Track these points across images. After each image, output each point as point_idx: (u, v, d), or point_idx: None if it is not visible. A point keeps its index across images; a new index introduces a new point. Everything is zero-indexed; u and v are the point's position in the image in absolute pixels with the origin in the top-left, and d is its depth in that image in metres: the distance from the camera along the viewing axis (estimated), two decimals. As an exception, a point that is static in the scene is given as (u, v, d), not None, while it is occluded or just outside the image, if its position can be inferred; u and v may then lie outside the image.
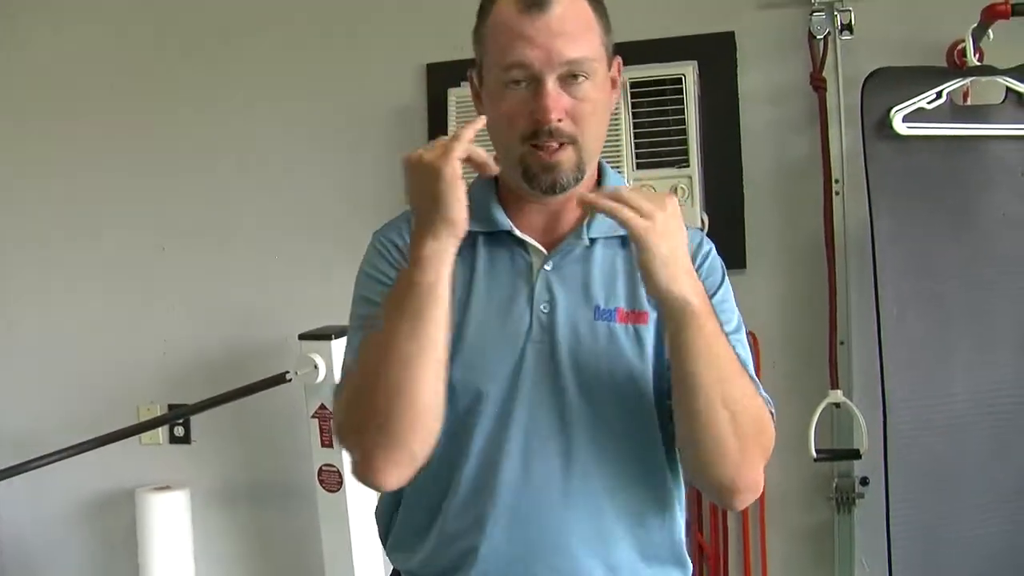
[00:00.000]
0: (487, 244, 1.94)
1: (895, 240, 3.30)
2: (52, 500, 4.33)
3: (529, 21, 1.80)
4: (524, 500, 1.84)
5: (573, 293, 1.89)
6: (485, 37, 1.89)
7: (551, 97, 1.80)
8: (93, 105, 4.28)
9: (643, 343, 1.86)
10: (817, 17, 3.54)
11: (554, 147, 1.83)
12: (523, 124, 1.83)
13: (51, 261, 4.34)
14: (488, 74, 1.89)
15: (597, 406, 1.85)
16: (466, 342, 1.88)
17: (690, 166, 3.53)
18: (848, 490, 3.59)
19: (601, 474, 1.85)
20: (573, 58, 1.80)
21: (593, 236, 1.92)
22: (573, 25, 1.82)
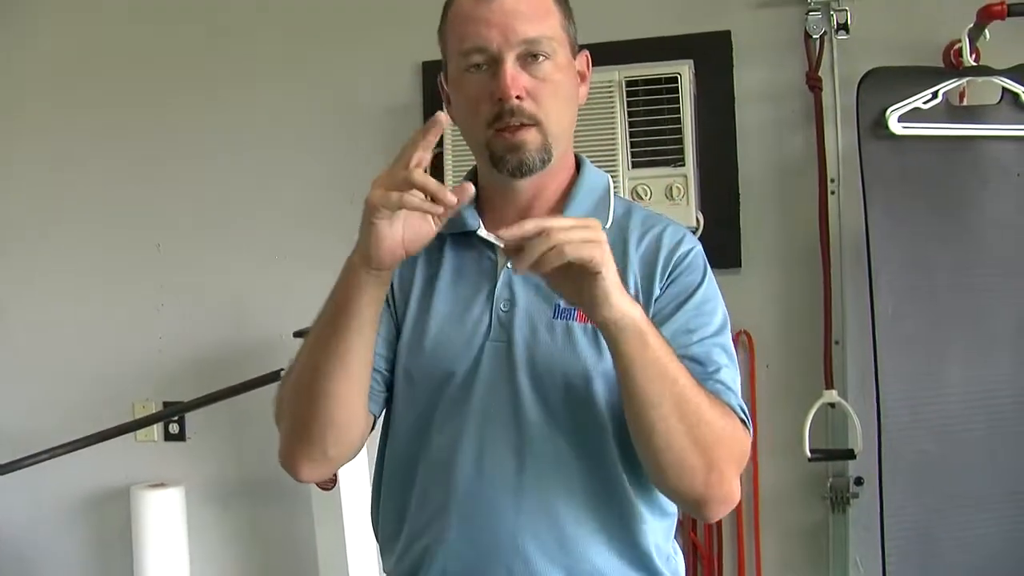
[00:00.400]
0: (455, 244, 1.95)
1: (890, 240, 3.30)
2: (47, 497, 4.32)
3: (485, 5, 1.82)
4: (477, 500, 1.84)
5: (533, 292, 1.87)
6: (446, 32, 1.90)
7: (509, 75, 1.80)
8: (88, 102, 4.28)
9: (602, 343, 1.79)
10: (813, 16, 3.54)
11: (516, 126, 1.82)
12: (486, 109, 1.83)
13: (46, 258, 4.34)
14: (451, 66, 1.90)
15: (551, 406, 1.83)
16: (427, 340, 1.90)
17: (685, 165, 3.53)
18: (843, 490, 3.59)
19: (556, 475, 1.83)
20: (530, 36, 1.81)
21: None
22: (529, 6, 1.84)
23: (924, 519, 3.24)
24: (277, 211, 4.08)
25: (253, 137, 4.13)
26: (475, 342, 1.87)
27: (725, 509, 1.82)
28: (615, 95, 3.52)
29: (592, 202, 1.95)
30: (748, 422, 1.84)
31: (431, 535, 1.87)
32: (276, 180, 4.10)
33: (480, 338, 1.87)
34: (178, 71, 4.21)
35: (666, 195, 3.51)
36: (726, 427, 1.76)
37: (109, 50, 4.28)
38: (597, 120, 3.52)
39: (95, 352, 4.26)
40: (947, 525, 3.24)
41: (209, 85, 4.18)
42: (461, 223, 1.91)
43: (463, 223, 1.91)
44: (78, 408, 4.15)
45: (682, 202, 3.51)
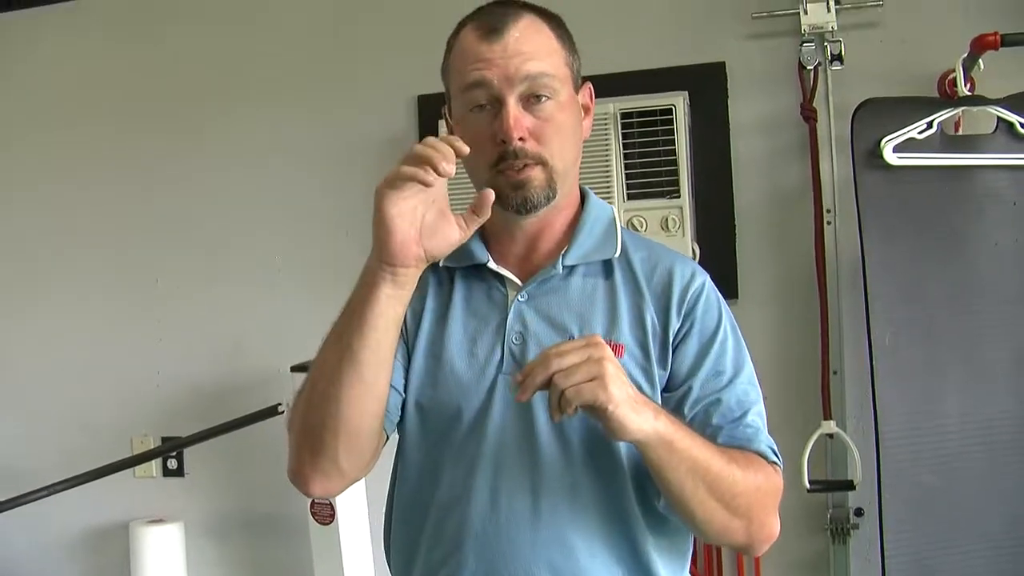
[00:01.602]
0: (465, 278, 1.94)
1: (887, 269, 3.30)
2: (47, 533, 4.32)
3: (487, 44, 1.82)
4: (493, 536, 1.82)
5: (547, 324, 1.87)
6: (450, 69, 1.90)
7: (512, 117, 1.79)
8: (84, 139, 4.30)
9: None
10: (807, 48, 3.55)
11: (521, 166, 1.81)
12: (490, 150, 1.82)
13: (44, 293, 4.35)
14: (455, 104, 1.89)
15: (567, 439, 1.82)
16: (440, 374, 1.89)
17: (681, 196, 3.53)
18: (843, 521, 3.58)
19: (572, 510, 1.82)
20: (532, 73, 1.81)
21: (571, 263, 1.90)
22: (532, 45, 1.83)
23: (924, 550, 3.23)
24: (275, 245, 4.09)
25: (250, 171, 4.14)
26: (487, 375, 1.86)
27: (768, 545, 1.87)
28: (610, 127, 3.52)
29: (598, 234, 1.94)
30: (778, 457, 1.88)
31: (447, 571, 1.86)
32: (273, 214, 4.11)
33: (493, 371, 1.86)
34: (176, 106, 4.22)
35: (662, 227, 3.52)
36: (761, 485, 1.80)
37: (106, 84, 4.29)
38: (592, 152, 3.52)
39: (93, 388, 4.26)
40: (947, 556, 3.22)
41: (206, 119, 4.19)
42: (470, 256, 1.92)
43: (472, 256, 1.92)
44: (77, 444, 4.15)
45: (678, 233, 3.51)
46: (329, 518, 3.55)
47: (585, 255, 1.90)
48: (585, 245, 1.91)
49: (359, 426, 1.78)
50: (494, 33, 1.82)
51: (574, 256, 1.90)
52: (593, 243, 1.92)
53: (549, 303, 1.89)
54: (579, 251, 1.90)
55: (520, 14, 1.86)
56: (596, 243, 1.92)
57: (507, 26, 1.82)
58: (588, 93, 1.97)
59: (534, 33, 1.85)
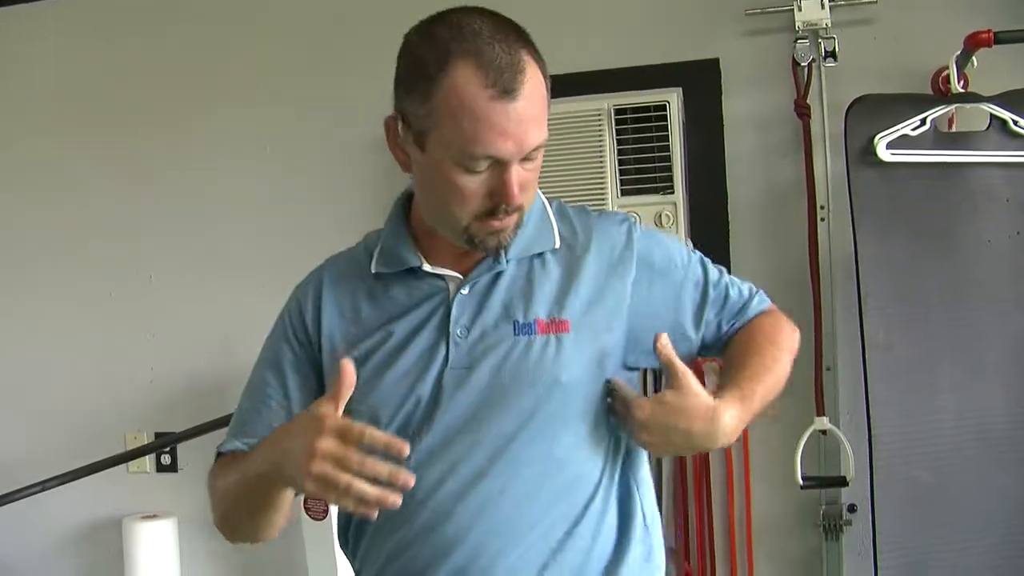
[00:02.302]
0: (401, 281, 1.95)
1: (880, 266, 3.30)
2: (40, 529, 4.31)
3: (501, 109, 1.71)
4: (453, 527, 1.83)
5: (491, 313, 1.88)
6: (438, 107, 1.74)
7: (517, 184, 1.76)
8: (77, 134, 4.29)
9: (567, 350, 1.84)
10: (801, 44, 3.55)
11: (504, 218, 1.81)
12: (481, 204, 1.78)
13: (38, 289, 4.34)
14: (439, 146, 1.77)
15: (520, 423, 1.84)
16: (381, 377, 1.89)
17: (675, 193, 3.53)
18: (835, 517, 3.58)
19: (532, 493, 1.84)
20: (538, 143, 1.77)
21: (509, 258, 1.91)
22: (538, 105, 1.76)
23: (918, 545, 3.23)
24: (268, 241, 4.08)
25: (244, 168, 4.13)
26: (432, 371, 1.87)
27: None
28: (604, 123, 3.53)
29: (534, 225, 1.94)
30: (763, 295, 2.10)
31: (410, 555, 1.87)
32: (266, 211, 4.10)
33: (438, 367, 1.87)
34: (169, 103, 4.21)
35: (655, 223, 3.52)
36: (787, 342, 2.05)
37: (102, 82, 4.28)
38: (586, 148, 3.53)
39: (86, 384, 4.26)
40: (941, 551, 3.23)
41: (200, 115, 4.18)
42: (402, 261, 1.93)
43: (404, 261, 1.93)
44: (70, 440, 4.14)
45: (672, 230, 3.51)
46: (322, 514, 3.55)
47: (524, 249, 1.91)
48: (524, 239, 1.91)
49: (273, 531, 1.94)
50: (509, 96, 1.70)
51: (514, 251, 1.90)
52: (530, 236, 1.92)
53: (491, 293, 1.89)
54: (518, 246, 1.90)
55: (523, 61, 1.74)
56: (533, 234, 1.93)
57: (522, 85, 1.71)
58: None
59: (537, 86, 1.75)
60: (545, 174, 3.53)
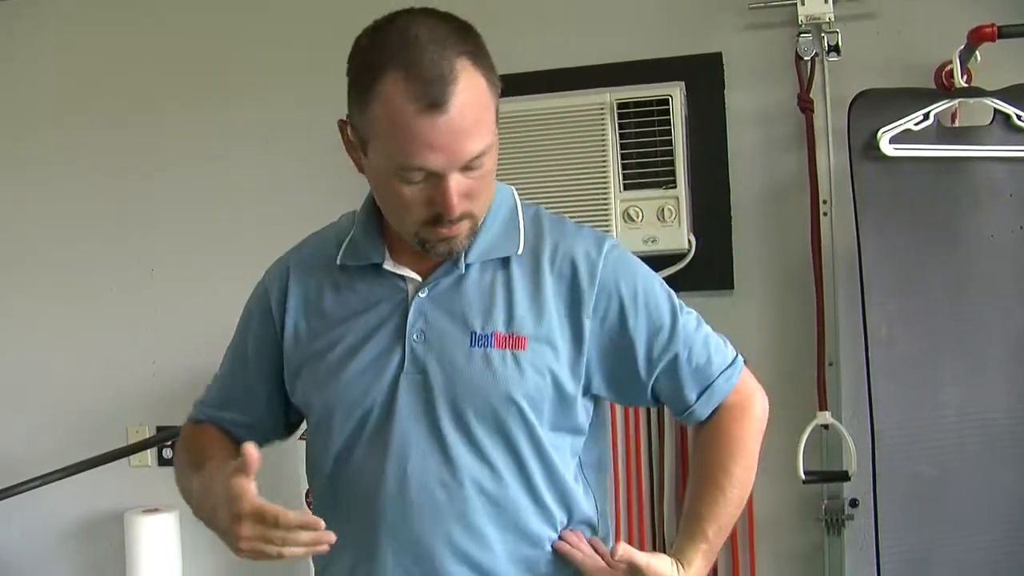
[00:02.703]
0: (363, 277, 1.95)
1: (883, 261, 3.29)
2: (41, 523, 4.31)
3: (429, 123, 1.68)
4: (406, 531, 1.85)
5: (448, 320, 1.87)
6: (372, 118, 1.74)
7: (455, 194, 1.75)
8: (83, 126, 4.28)
9: (522, 368, 1.84)
10: (804, 38, 3.54)
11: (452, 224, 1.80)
12: (422, 212, 1.78)
13: (39, 283, 4.33)
14: (377, 155, 1.78)
15: (473, 434, 1.84)
16: (341, 374, 1.89)
17: (677, 187, 3.53)
18: (837, 512, 3.58)
19: (484, 501, 1.85)
20: (476, 152, 1.74)
21: (471, 261, 1.90)
22: (473, 116, 1.72)
23: (920, 540, 3.23)
24: (269, 233, 4.03)
25: (247, 159, 4.12)
26: (387, 375, 1.87)
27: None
28: (606, 117, 3.52)
29: (499, 228, 1.93)
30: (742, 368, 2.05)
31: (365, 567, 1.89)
32: (269, 202, 4.09)
33: (393, 370, 1.87)
34: (170, 93, 4.20)
35: (658, 217, 3.52)
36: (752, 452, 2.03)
37: (104, 77, 4.27)
38: (588, 142, 3.54)
39: (88, 377, 4.25)
40: (943, 546, 3.22)
41: (201, 106, 4.17)
42: (366, 256, 1.93)
43: (368, 256, 1.93)
44: (72, 434, 4.14)
45: (674, 224, 3.51)
46: (324, 508, 3.55)
47: (485, 252, 1.90)
48: (486, 241, 1.90)
49: None
50: (436, 110, 1.68)
51: (474, 255, 1.89)
52: (493, 239, 1.92)
53: (450, 299, 1.89)
54: (480, 249, 1.90)
55: (455, 70, 1.70)
56: (496, 239, 1.92)
57: (449, 98, 1.68)
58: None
59: (473, 96, 1.72)
60: (547, 168, 3.57)
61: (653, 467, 3.71)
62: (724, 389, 1.99)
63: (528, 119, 3.58)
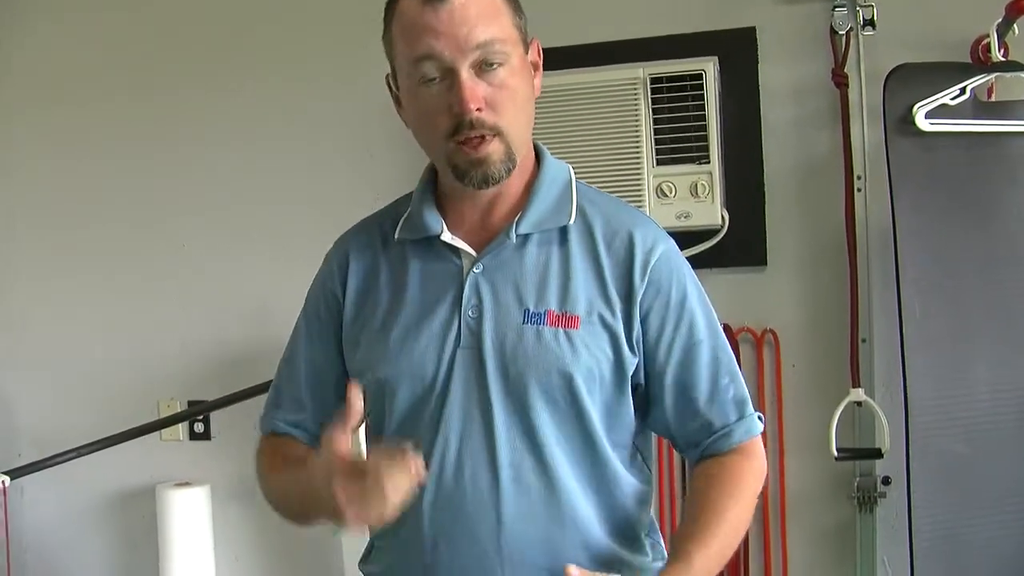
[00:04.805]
0: (419, 250, 1.95)
1: (918, 237, 3.27)
2: (73, 496, 4.34)
3: (432, 12, 1.76)
4: (456, 504, 1.86)
5: (502, 295, 1.88)
6: (393, 40, 1.85)
7: (467, 87, 1.77)
8: (112, 101, 4.28)
9: (575, 346, 1.84)
10: (839, 12, 3.51)
11: (478, 140, 1.80)
12: (444, 122, 1.80)
13: (71, 258, 4.35)
14: (402, 75, 1.86)
15: (524, 413, 1.85)
16: (402, 351, 1.90)
17: (711, 162, 3.52)
18: (870, 489, 3.56)
19: (539, 483, 1.85)
20: (483, 40, 1.77)
21: (524, 232, 1.89)
22: (478, 9, 1.78)
23: (953, 518, 3.21)
24: (301, 210, 4.08)
25: (278, 136, 4.12)
26: (447, 349, 1.87)
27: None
28: (639, 92, 3.51)
29: (553, 199, 1.93)
30: (754, 416, 1.97)
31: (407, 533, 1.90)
32: (301, 179, 4.10)
33: (452, 345, 1.87)
34: (200, 70, 4.20)
35: (691, 192, 3.50)
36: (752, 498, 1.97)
37: (130, 52, 4.27)
38: (621, 117, 3.52)
39: (120, 352, 4.27)
40: (976, 524, 3.21)
41: (234, 83, 4.17)
42: (424, 228, 1.93)
43: (426, 228, 1.93)
44: (104, 408, 4.16)
45: (707, 199, 3.50)
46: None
47: (538, 223, 1.90)
48: (538, 212, 1.91)
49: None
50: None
51: (527, 225, 1.90)
52: (547, 209, 1.92)
53: (504, 275, 1.89)
54: (532, 219, 1.90)
55: None
56: (550, 209, 1.92)
57: None
58: (536, 50, 1.95)
59: None
60: (580, 143, 3.56)
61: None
62: (750, 432, 1.96)
63: (561, 94, 3.56)
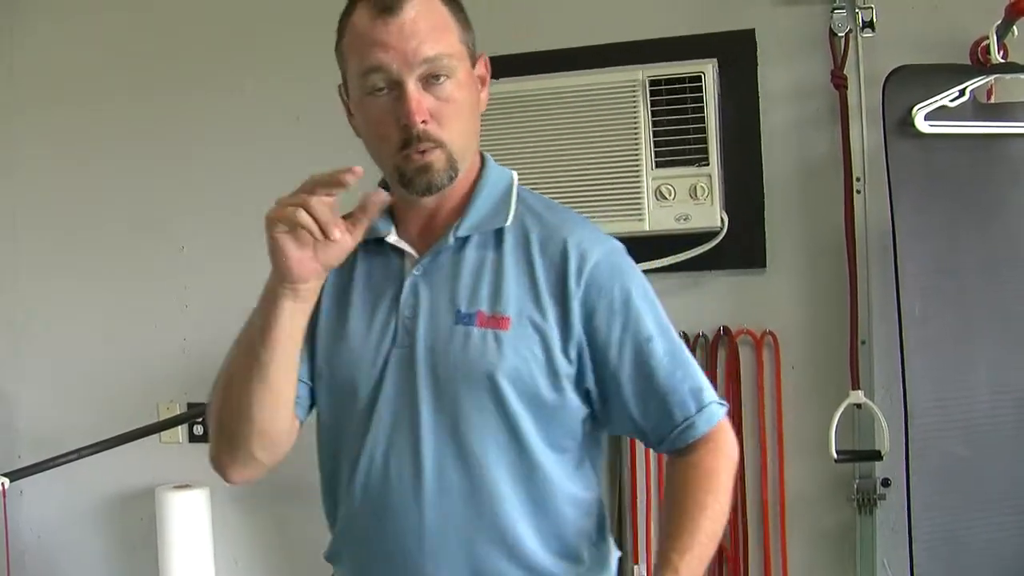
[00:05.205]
0: (368, 252, 2.00)
1: (917, 239, 3.27)
2: (73, 498, 4.35)
3: (382, 26, 1.82)
4: (385, 504, 1.92)
5: (437, 297, 1.92)
6: (345, 52, 1.90)
7: (413, 100, 1.82)
8: (110, 103, 4.29)
9: (502, 348, 1.87)
10: (838, 14, 3.51)
11: (423, 149, 1.84)
12: (393, 134, 1.85)
13: (71, 260, 4.36)
14: (352, 86, 1.92)
15: (451, 413, 1.88)
16: (344, 349, 1.97)
17: (710, 165, 3.52)
18: (869, 491, 3.56)
19: (461, 484, 1.88)
20: (430, 55, 1.82)
21: (463, 235, 1.93)
22: (427, 24, 1.83)
23: (952, 521, 3.21)
24: (301, 212, 4.07)
25: (279, 136, 4.12)
26: (383, 348, 1.93)
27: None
28: (638, 94, 3.51)
29: (493, 203, 1.97)
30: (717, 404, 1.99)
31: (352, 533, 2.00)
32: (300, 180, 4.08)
33: (388, 344, 1.93)
34: (200, 70, 4.21)
35: (690, 195, 3.50)
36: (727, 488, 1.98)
37: (131, 53, 4.28)
38: (620, 120, 3.53)
39: (120, 354, 4.27)
40: (976, 527, 3.20)
41: (232, 84, 4.18)
42: (374, 230, 1.97)
43: (375, 229, 1.97)
44: (103, 409, 4.16)
45: (706, 202, 3.50)
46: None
47: (477, 225, 1.94)
48: (477, 215, 1.95)
49: (270, 426, 1.90)
50: (388, 12, 1.82)
51: (465, 228, 1.94)
52: (486, 213, 1.96)
53: (441, 277, 1.94)
54: (470, 222, 1.94)
55: None
56: (489, 213, 1.96)
57: (402, 5, 1.82)
58: (484, 64, 1.99)
59: (428, 11, 1.85)
60: (579, 146, 3.57)
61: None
62: (711, 420, 1.98)
63: (560, 96, 3.57)
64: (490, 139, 3.62)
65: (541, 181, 3.57)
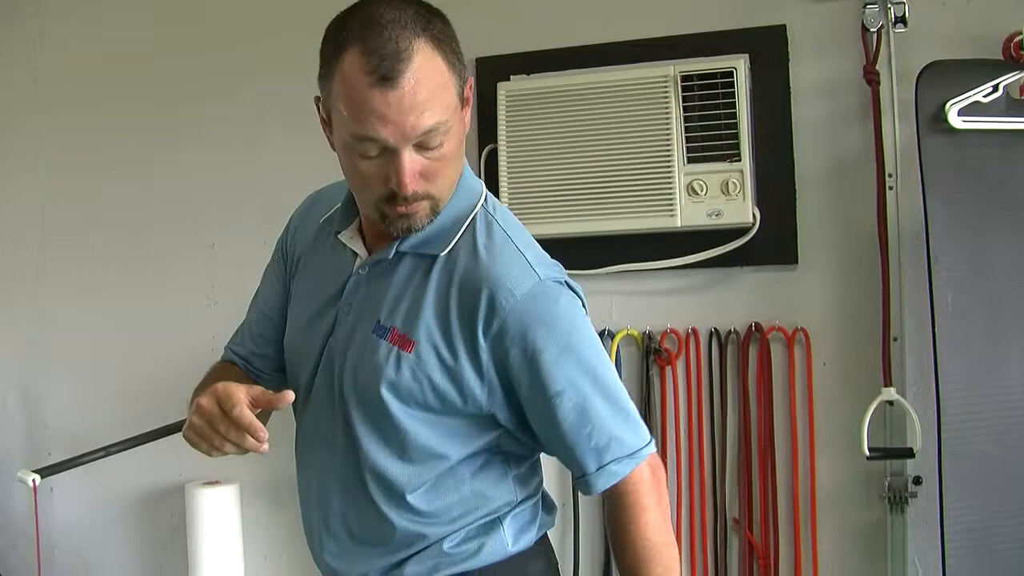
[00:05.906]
0: (333, 240, 2.07)
1: (950, 235, 3.26)
2: (104, 494, 4.36)
3: (380, 96, 1.75)
4: (307, 480, 2.11)
5: (367, 302, 1.97)
6: (332, 91, 1.84)
7: (408, 171, 1.80)
8: (141, 103, 4.31)
9: (401, 368, 1.89)
10: (870, 10, 3.50)
11: (410, 205, 1.85)
12: (379, 188, 1.84)
13: (101, 257, 4.38)
14: (338, 128, 1.86)
15: (351, 414, 1.97)
16: (297, 332, 2.11)
17: (742, 160, 3.51)
18: (901, 489, 3.54)
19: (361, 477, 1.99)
20: (429, 127, 1.78)
21: (403, 250, 1.95)
22: (426, 91, 1.77)
23: (984, 519, 3.20)
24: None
25: (307, 133, 4.10)
26: (323, 338, 2.02)
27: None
28: (670, 90, 3.51)
29: (441, 227, 1.95)
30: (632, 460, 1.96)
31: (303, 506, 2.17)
32: (329, 178, 4.08)
33: (326, 334, 2.01)
34: (233, 69, 4.24)
35: (722, 190, 3.49)
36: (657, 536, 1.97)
37: (158, 52, 4.31)
38: (652, 115, 3.53)
39: (149, 350, 4.29)
40: (1008, 525, 3.19)
41: (264, 82, 4.19)
42: (336, 222, 2.07)
43: (337, 223, 2.06)
44: (133, 406, 4.17)
45: (738, 198, 3.49)
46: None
47: (417, 246, 1.95)
48: (422, 235, 1.94)
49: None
50: (388, 83, 1.74)
51: (407, 244, 1.95)
52: (431, 235, 1.94)
53: (376, 284, 1.98)
54: (413, 241, 1.95)
55: (412, 48, 1.76)
56: (433, 236, 1.95)
57: (402, 73, 1.74)
58: (468, 87, 1.93)
59: (428, 74, 1.77)
60: (611, 141, 3.56)
61: (715, 444, 3.69)
62: (611, 479, 1.96)
63: (592, 92, 3.57)
64: (522, 135, 3.65)
65: (573, 177, 3.58)
